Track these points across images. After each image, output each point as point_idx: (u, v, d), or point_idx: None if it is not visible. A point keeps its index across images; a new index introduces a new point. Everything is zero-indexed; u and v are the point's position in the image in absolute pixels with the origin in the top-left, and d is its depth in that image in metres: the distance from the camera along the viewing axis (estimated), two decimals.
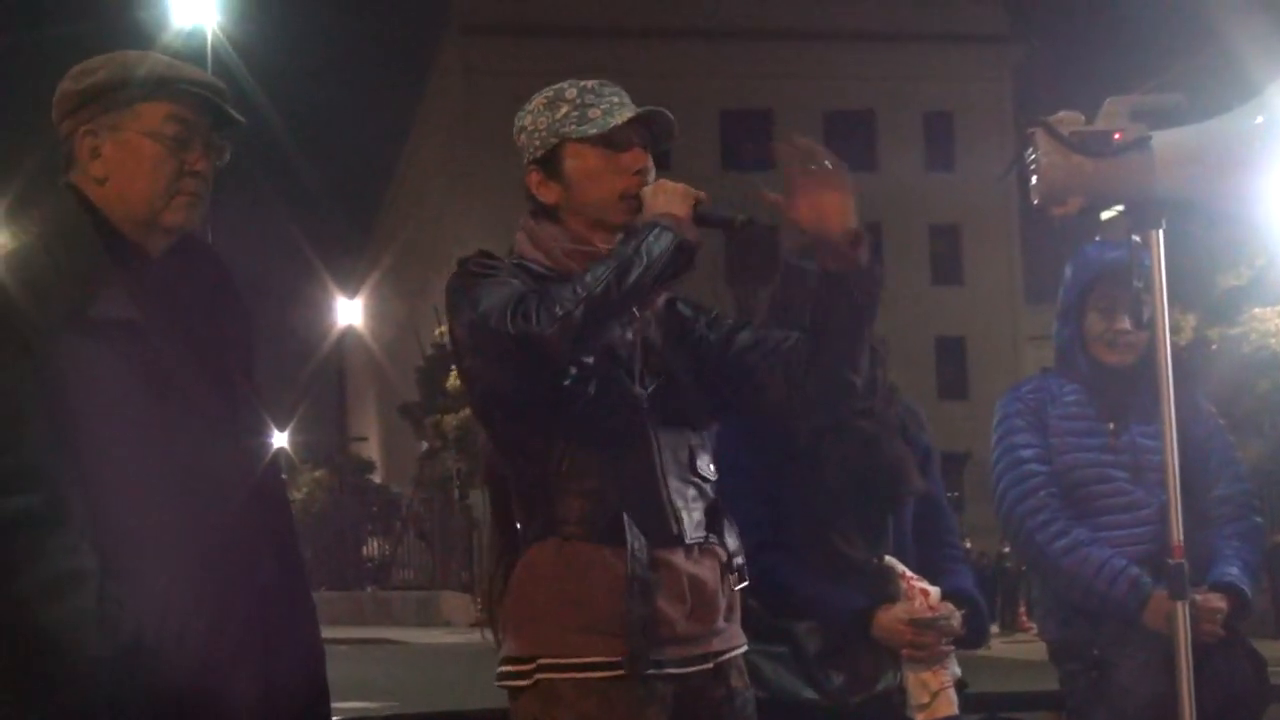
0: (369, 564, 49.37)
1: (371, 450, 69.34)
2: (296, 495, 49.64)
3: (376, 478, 61.87)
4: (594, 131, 3.52)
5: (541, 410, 3.41)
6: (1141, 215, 4.15)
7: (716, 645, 3.53)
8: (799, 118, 55.74)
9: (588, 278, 3.31)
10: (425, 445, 46.53)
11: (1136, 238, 4.18)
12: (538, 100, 3.62)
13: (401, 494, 52.13)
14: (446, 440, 43.94)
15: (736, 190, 3.66)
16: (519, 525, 3.55)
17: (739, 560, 3.64)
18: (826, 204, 3.52)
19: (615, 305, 3.34)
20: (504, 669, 3.48)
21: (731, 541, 3.63)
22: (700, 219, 3.47)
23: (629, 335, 3.52)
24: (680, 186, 3.48)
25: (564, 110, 3.56)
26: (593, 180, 3.54)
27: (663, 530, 3.44)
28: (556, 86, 3.62)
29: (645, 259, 3.33)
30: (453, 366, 39.09)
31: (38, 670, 3.00)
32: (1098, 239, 4.95)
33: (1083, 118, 4.11)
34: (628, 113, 3.53)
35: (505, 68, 53.79)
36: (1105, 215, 4.24)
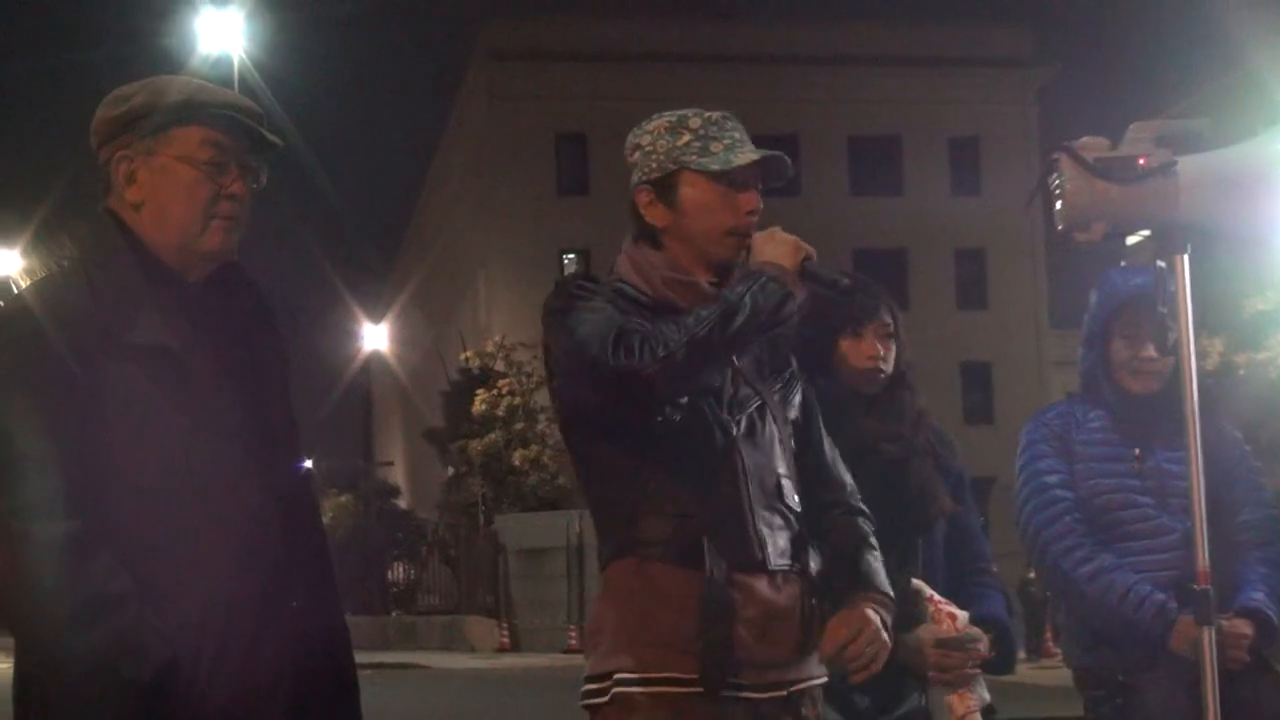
0: (394, 589, 49.39)
1: (397, 475, 69.35)
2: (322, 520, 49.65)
3: (402, 503, 61.85)
4: (716, 167, 3.57)
5: (629, 433, 3.47)
6: (1166, 241, 4.15)
7: (792, 674, 3.56)
8: (824, 143, 55.86)
9: (691, 319, 3.37)
10: (451, 470, 46.51)
11: (1161, 263, 4.17)
12: (659, 122, 3.66)
13: (427, 519, 52.12)
14: (472, 465, 43.93)
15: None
16: (600, 545, 3.62)
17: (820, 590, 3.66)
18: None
19: (717, 350, 3.40)
20: (586, 688, 3.54)
21: (815, 568, 3.65)
22: (807, 275, 3.52)
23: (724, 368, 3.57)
24: (792, 239, 3.52)
25: (686, 138, 3.60)
26: (706, 212, 3.59)
27: (745, 556, 3.49)
28: (680, 112, 3.67)
29: (750, 308, 3.38)
30: (478, 392, 39.00)
31: (76, 694, 3.02)
32: (1123, 264, 4.94)
33: (1107, 143, 4.11)
34: (751, 154, 3.58)
35: (530, 93, 53.99)
36: (1131, 241, 4.23)
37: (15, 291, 3.23)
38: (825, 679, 3.67)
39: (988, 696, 4.42)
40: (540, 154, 55.21)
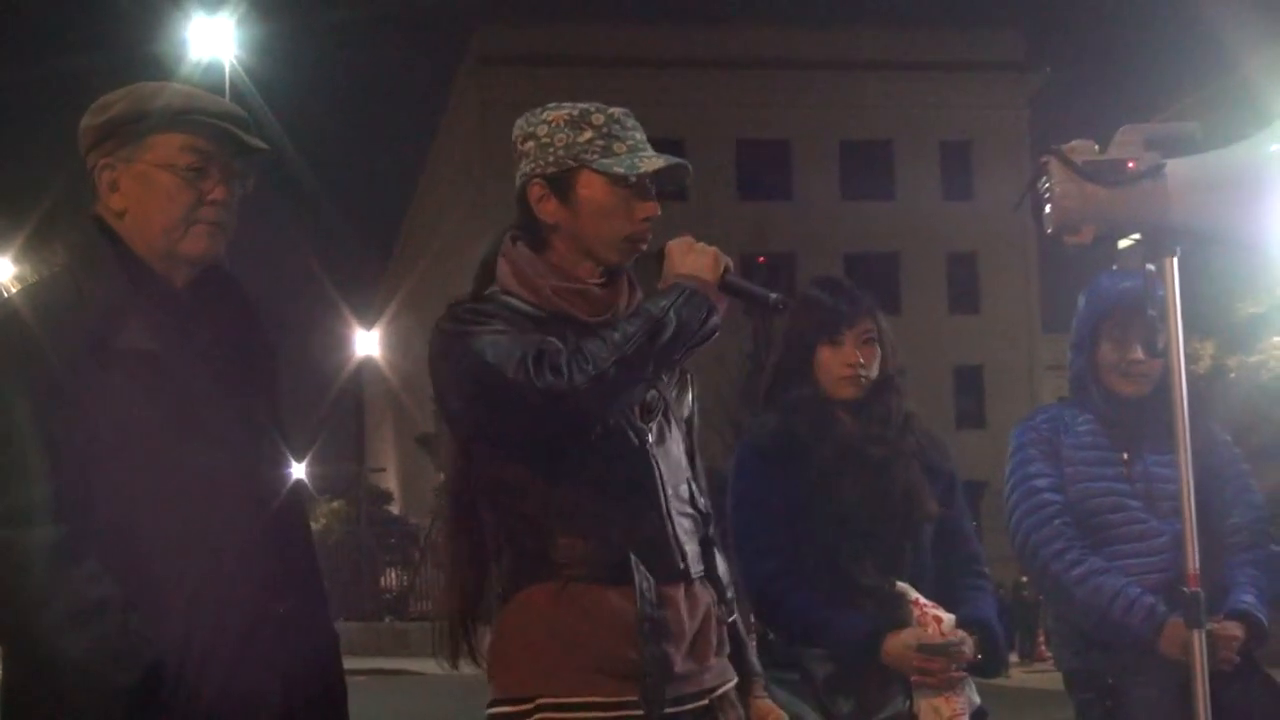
0: (387, 595, 49.33)
1: (389, 481, 69.35)
2: (314, 526, 49.50)
3: (394, 508, 61.88)
4: (620, 170, 3.42)
5: (540, 452, 3.36)
6: (1156, 244, 4.15)
7: (709, 682, 3.49)
8: (816, 147, 55.89)
9: (618, 335, 3.25)
10: (443, 476, 46.52)
11: (1151, 266, 4.18)
12: (558, 114, 3.51)
13: (419, 525, 52.08)
14: None
15: (754, 220, 3.65)
16: (499, 563, 3.49)
17: (730, 594, 3.63)
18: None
19: (647, 367, 3.30)
20: (498, 710, 3.43)
21: (723, 573, 3.61)
22: (729, 288, 3.41)
23: None
24: (712, 250, 3.42)
25: (588, 135, 3.46)
26: (603, 216, 3.45)
27: (668, 566, 3.41)
28: (581, 106, 3.52)
29: (675, 323, 3.28)
30: None
31: (63, 699, 3.02)
32: (1115, 268, 4.95)
33: (1096, 146, 4.12)
34: (658, 161, 3.43)
35: (521, 99, 53.33)
36: (1122, 244, 4.24)
37: (3, 297, 3.24)
38: (736, 681, 3.60)
39: (977, 699, 4.42)
40: None
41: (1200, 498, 4.18)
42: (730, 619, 3.63)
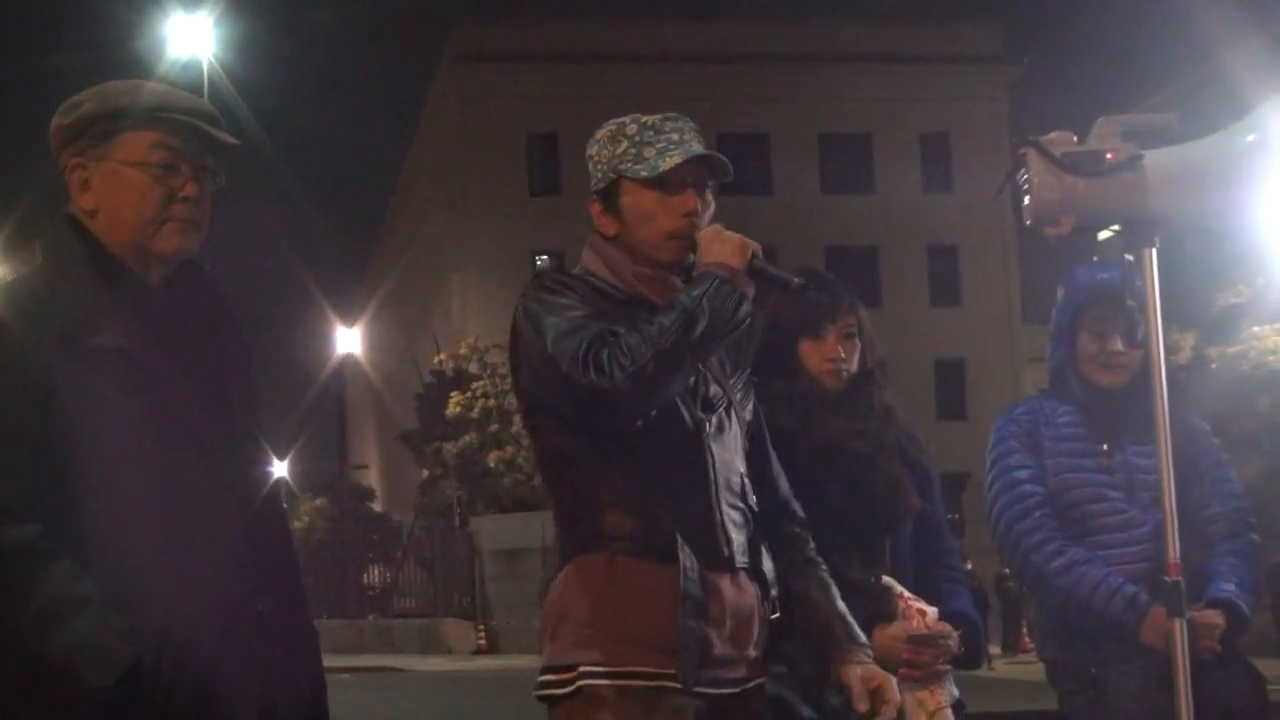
0: (370, 592, 49.26)
1: (372, 478, 69.27)
2: (297, 524, 49.56)
3: (377, 506, 61.79)
4: (645, 174, 3.58)
5: (600, 430, 3.47)
6: (1134, 234, 4.16)
7: (745, 672, 3.58)
8: (795, 141, 55.93)
9: (654, 329, 3.36)
10: (425, 473, 46.47)
11: (1129, 256, 4.19)
12: (604, 132, 3.68)
13: (402, 522, 52.03)
14: (447, 468, 43.90)
15: (734, 214, 3.65)
16: (560, 537, 3.60)
17: (775, 591, 3.68)
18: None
19: (684, 360, 3.40)
20: (544, 678, 3.52)
21: (769, 570, 3.67)
22: (755, 274, 3.51)
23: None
24: (738, 238, 3.52)
25: (623, 146, 3.62)
26: (645, 220, 3.60)
27: (714, 553, 3.50)
28: (620, 120, 3.68)
29: (708, 313, 3.38)
30: (452, 394, 38.85)
31: (38, 698, 3.01)
32: (1095, 259, 4.96)
33: (1074, 138, 4.12)
34: (677, 156, 3.56)
35: (500, 94, 53.97)
36: (1102, 235, 4.25)
37: None
38: (767, 680, 3.69)
39: (956, 692, 4.43)
40: (511, 155, 55.20)
41: (1180, 488, 4.19)
42: (775, 616, 3.68)
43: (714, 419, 3.59)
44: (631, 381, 3.32)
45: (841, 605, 3.78)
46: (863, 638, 3.76)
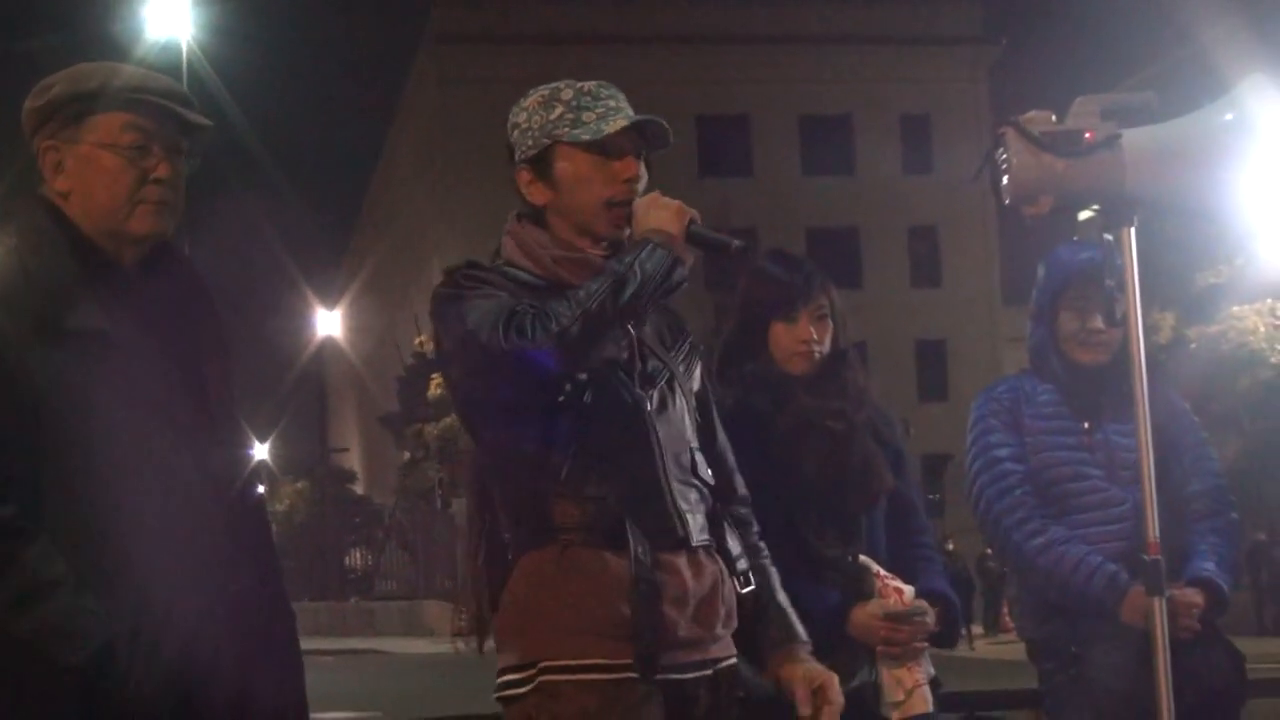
0: (352, 574, 49.35)
1: (353, 461, 69.26)
2: (278, 507, 49.59)
3: (358, 488, 61.79)
4: (586, 137, 3.49)
5: (536, 418, 3.39)
6: (1113, 214, 4.16)
7: (715, 652, 3.51)
8: (775, 122, 55.92)
9: (581, 293, 3.30)
10: (406, 455, 46.52)
11: (1109, 236, 4.19)
12: (533, 98, 3.59)
13: (384, 504, 52.08)
14: (428, 450, 43.94)
15: (715, 196, 3.65)
16: (506, 533, 3.51)
17: (741, 565, 3.63)
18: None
19: (610, 321, 3.33)
20: (504, 679, 3.45)
21: (734, 546, 3.62)
22: (694, 239, 3.44)
23: (623, 341, 3.50)
24: (675, 203, 3.45)
25: (558, 111, 3.53)
26: (582, 185, 3.51)
27: (667, 534, 3.43)
28: (553, 85, 3.59)
29: (639, 275, 3.32)
30: (433, 376, 38.85)
31: (10, 678, 3.01)
32: (1075, 239, 4.96)
33: (1053, 117, 4.12)
34: (621, 120, 3.50)
35: (480, 76, 53.84)
36: (1082, 216, 4.25)
37: None
38: (737, 658, 3.60)
39: (933, 670, 4.45)
40: (491, 137, 54.63)
41: (1160, 466, 4.20)
42: (747, 590, 3.63)
43: (655, 394, 3.51)
44: (554, 341, 3.25)
45: (783, 596, 3.70)
46: (803, 633, 3.68)
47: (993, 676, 13.47)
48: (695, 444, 3.59)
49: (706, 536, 3.53)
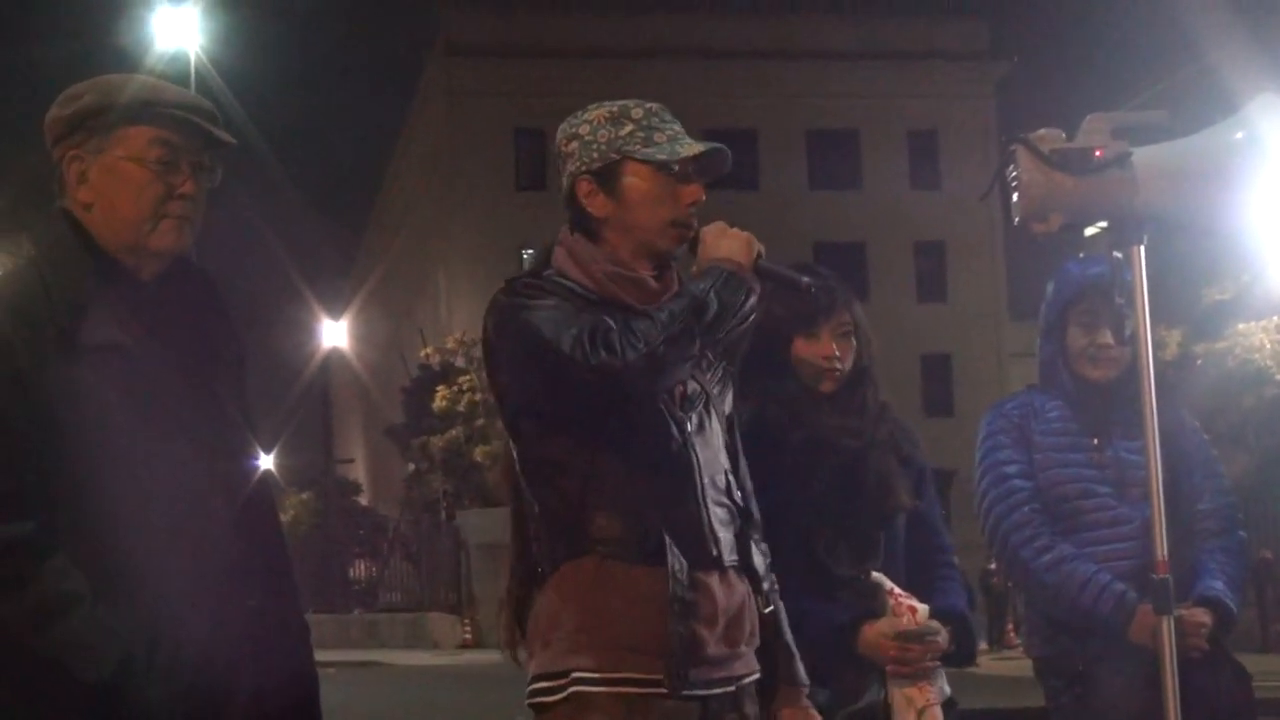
0: (356, 586, 49.31)
1: (358, 472, 69.17)
2: (283, 518, 49.50)
3: (363, 500, 61.79)
4: (662, 157, 3.54)
5: (585, 430, 3.45)
6: (1123, 231, 4.17)
7: (739, 669, 3.56)
8: (783, 137, 55.94)
9: (664, 315, 3.37)
10: (412, 467, 46.48)
11: (1118, 253, 4.19)
12: (599, 112, 3.62)
13: (388, 516, 52.04)
14: (433, 462, 43.91)
15: (722, 210, 3.64)
16: (539, 543, 3.57)
17: (766, 584, 3.68)
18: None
19: (694, 345, 3.41)
20: (536, 685, 3.50)
21: (760, 565, 3.66)
22: (762, 273, 3.51)
23: None
24: (745, 235, 3.53)
25: (629, 128, 3.57)
26: (649, 203, 3.55)
27: (703, 553, 3.48)
28: (620, 103, 3.63)
29: (717, 304, 3.40)
30: (438, 388, 38.77)
31: (30, 694, 3.01)
32: (1082, 255, 4.95)
33: (1063, 135, 4.13)
34: (696, 146, 3.56)
35: (489, 89, 53.92)
36: (1089, 232, 4.25)
37: None
38: (759, 674, 3.65)
39: (948, 690, 4.43)
40: (499, 149, 55.15)
41: (1169, 484, 4.20)
42: (768, 610, 3.68)
43: (694, 416, 3.57)
44: (644, 361, 3.31)
45: (788, 634, 3.75)
46: (803, 677, 3.74)
47: (998, 693, 13.45)
48: (728, 465, 3.64)
49: (736, 557, 3.58)
